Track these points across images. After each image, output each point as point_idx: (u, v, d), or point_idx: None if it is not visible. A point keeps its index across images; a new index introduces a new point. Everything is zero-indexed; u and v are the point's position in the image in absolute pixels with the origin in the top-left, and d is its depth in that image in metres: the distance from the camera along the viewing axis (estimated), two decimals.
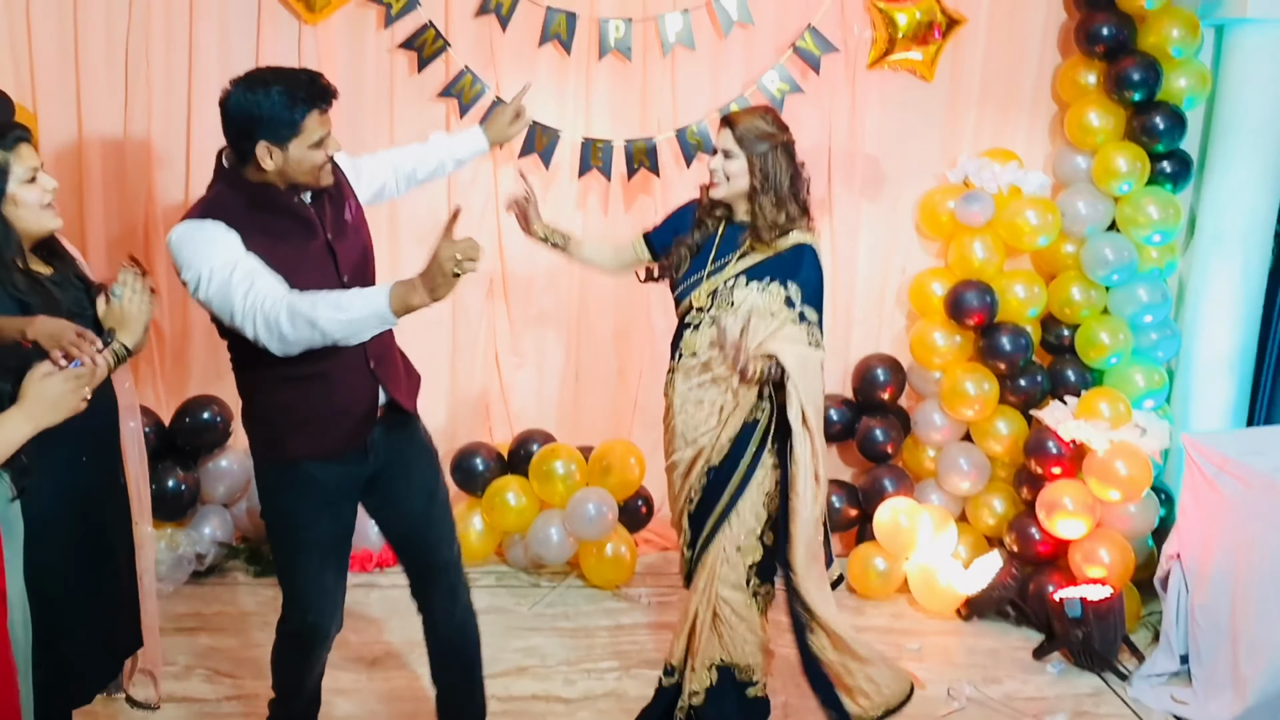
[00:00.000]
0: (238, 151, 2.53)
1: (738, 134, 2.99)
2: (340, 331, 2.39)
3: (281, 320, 2.37)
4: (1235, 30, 4.18)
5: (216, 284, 2.42)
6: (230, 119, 2.51)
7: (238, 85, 2.51)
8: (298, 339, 2.39)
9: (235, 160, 2.56)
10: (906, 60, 4.35)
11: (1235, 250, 4.26)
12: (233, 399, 4.33)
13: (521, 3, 4.17)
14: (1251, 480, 3.44)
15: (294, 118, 2.47)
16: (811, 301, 2.97)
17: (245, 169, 2.54)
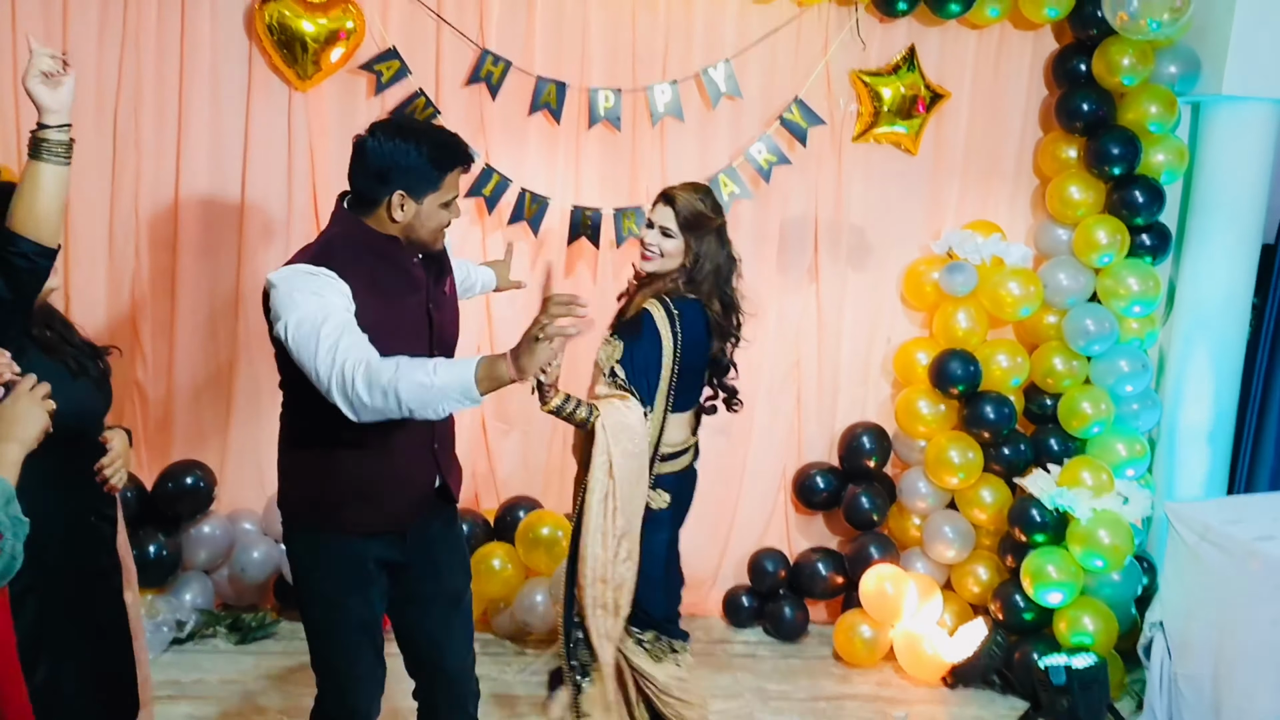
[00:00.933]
0: (366, 197, 2.49)
1: (679, 214, 3.03)
2: (418, 401, 2.21)
3: (358, 382, 2.22)
4: (1211, 107, 4.28)
5: (304, 332, 2.30)
6: (369, 162, 2.45)
7: (384, 130, 2.46)
8: (373, 405, 2.24)
9: (359, 207, 2.51)
10: (891, 133, 4.43)
11: (1214, 322, 4.33)
12: (217, 463, 4.35)
13: (512, 71, 4.22)
14: (1233, 549, 3.47)
15: (436, 172, 2.46)
16: (624, 362, 3.02)
17: (368, 217, 2.50)
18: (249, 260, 4.33)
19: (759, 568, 4.52)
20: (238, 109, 4.26)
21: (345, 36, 4.14)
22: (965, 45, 4.45)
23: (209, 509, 4.30)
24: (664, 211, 3.06)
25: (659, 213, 3.07)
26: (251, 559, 4.25)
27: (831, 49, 4.36)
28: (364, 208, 2.50)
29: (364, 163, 2.47)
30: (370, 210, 2.49)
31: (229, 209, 4.31)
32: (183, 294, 4.31)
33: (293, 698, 3.82)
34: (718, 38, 4.34)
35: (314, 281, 2.38)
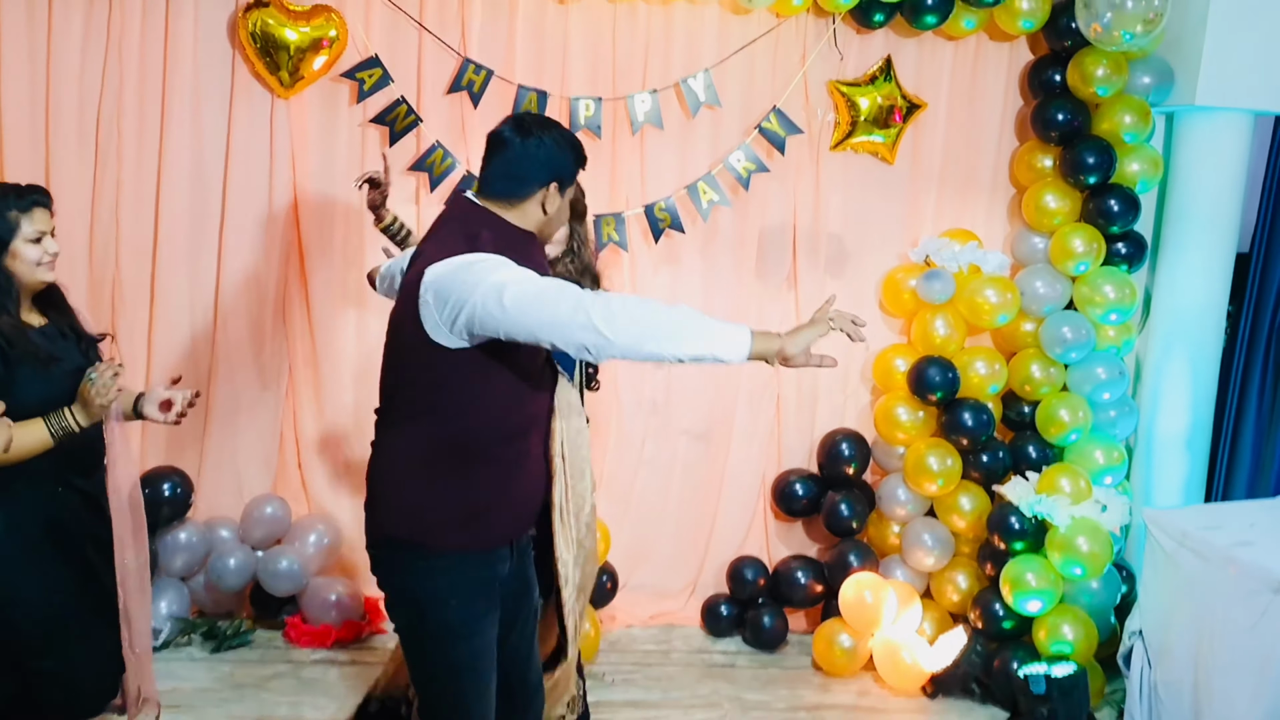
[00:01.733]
0: (515, 192, 2.45)
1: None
2: (679, 334, 2.22)
3: (616, 307, 2.21)
4: (1185, 117, 4.32)
5: (524, 291, 2.23)
6: (531, 155, 2.43)
7: (537, 125, 2.48)
8: (625, 336, 2.19)
9: (499, 201, 2.46)
10: (869, 143, 4.46)
11: (1190, 330, 4.36)
12: (194, 470, 4.33)
13: (493, 80, 4.24)
14: (1211, 556, 3.47)
15: (578, 167, 2.52)
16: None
17: (508, 210, 2.46)
18: (229, 267, 4.33)
19: (738, 576, 4.50)
20: (220, 116, 4.27)
21: (328, 45, 4.16)
22: (942, 56, 4.50)
23: (185, 515, 4.28)
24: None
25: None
26: (227, 566, 4.23)
27: (809, 59, 4.40)
28: (504, 201, 2.46)
29: (523, 155, 2.44)
30: (514, 204, 2.46)
31: (210, 216, 4.32)
32: (161, 301, 4.31)
33: (267, 706, 3.79)
34: (697, 48, 4.38)
35: (493, 259, 2.33)
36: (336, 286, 4.39)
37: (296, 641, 4.24)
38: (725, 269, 4.54)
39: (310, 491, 4.52)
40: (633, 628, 4.56)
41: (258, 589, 4.31)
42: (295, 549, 4.30)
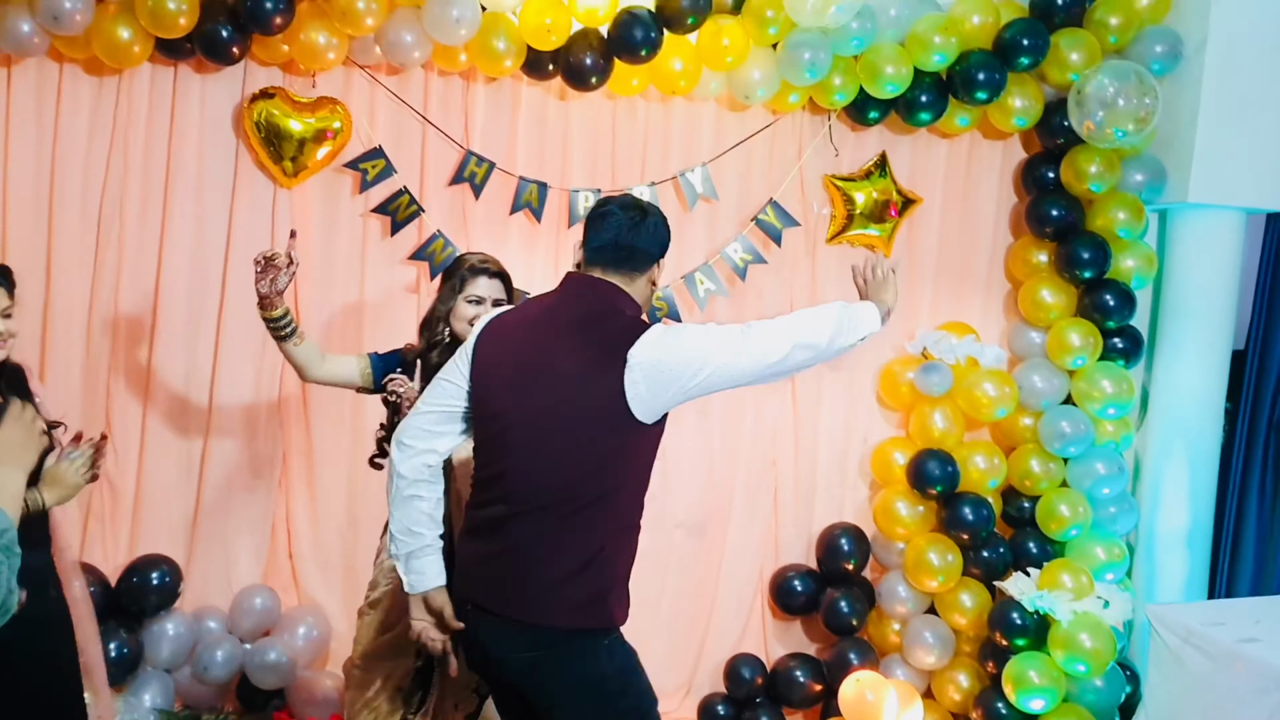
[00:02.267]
0: (639, 266, 2.56)
1: (506, 285, 3.25)
2: (844, 325, 2.60)
3: (812, 326, 2.55)
4: (1178, 214, 4.38)
5: (757, 337, 2.48)
6: (659, 233, 2.61)
7: (647, 204, 2.65)
8: (830, 345, 2.59)
9: (623, 276, 2.54)
10: (865, 236, 4.50)
11: (1188, 426, 4.36)
12: (183, 558, 4.26)
13: (494, 173, 4.30)
14: (1216, 653, 3.43)
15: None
16: None
17: (629, 285, 2.55)
18: (225, 354, 4.32)
19: (735, 674, 4.41)
20: (222, 204, 4.30)
21: (332, 135, 4.22)
22: (936, 153, 4.57)
23: (173, 606, 4.20)
24: (495, 285, 3.23)
25: (491, 286, 3.22)
26: (214, 659, 4.13)
27: (805, 155, 4.47)
28: (625, 276, 2.55)
29: (655, 233, 2.60)
30: (632, 279, 2.56)
31: (209, 301, 4.32)
32: (156, 386, 4.29)
33: None
34: (695, 143, 4.45)
35: (687, 327, 2.58)
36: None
37: None
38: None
39: (300, 582, 4.44)
40: None
41: (244, 682, 4.20)
42: (284, 641, 4.21)
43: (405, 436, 2.60)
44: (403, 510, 2.59)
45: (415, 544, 2.59)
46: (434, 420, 2.59)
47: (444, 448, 2.59)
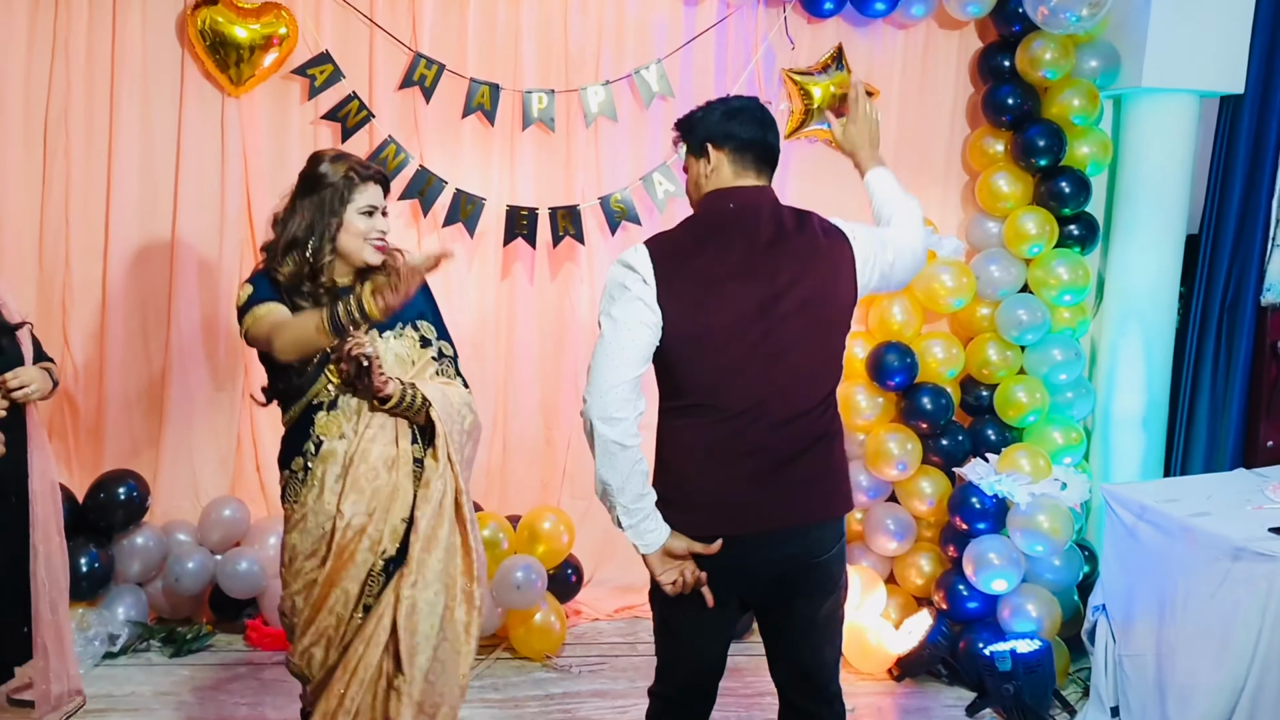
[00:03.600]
0: (774, 168, 2.69)
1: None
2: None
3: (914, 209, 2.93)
4: (1132, 100, 4.38)
5: (905, 220, 2.84)
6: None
7: None
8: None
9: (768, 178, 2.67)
10: (822, 130, 4.48)
11: (1143, 311, 4.40)
12: (150, 474, 4.27)
13: (445, 74, 4.23)
14: (1169, 527, 3.49)
15: None
16: (445, 336, 2.92)
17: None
18: (181, 266, 4.29)
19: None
20: (170, 116, 4.24)
21: (278, 42, 4.14)
22: (893, 44, 4.53)
23: (142, 519, 4.22)
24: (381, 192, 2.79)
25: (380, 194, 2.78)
26: (186, 570, 4.17)
27: (761, 49, 4.43)
28: (768, 176, 2.65)
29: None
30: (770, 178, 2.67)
31: (162, 215, 4.28)
32: (113, 303, 4.26)
33: (227, 708, 3.74)
34: (649, 39, 4.40)
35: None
36: None
37: (258, 644, 4.18)
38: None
39: (269, 492, 4.47)
40: (598, 621, 4.54)
41: (217, 592, 4.25)
42: (255, 551, 4.25)
43: (611, 410, 2.34)
44: (632, 479, 2.37)
45: (646, 505, 2.41)
46: (634, 385, 2.37)
47: (643, 404, 2.41)
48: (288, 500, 2.77)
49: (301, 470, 2.72)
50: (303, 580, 2.74)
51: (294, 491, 2.74)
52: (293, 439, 2.75)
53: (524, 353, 4.51)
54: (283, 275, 2.67)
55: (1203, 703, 3.29)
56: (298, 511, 2.73)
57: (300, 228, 2.67)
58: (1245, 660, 3.19)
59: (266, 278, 2.69)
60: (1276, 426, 4.49)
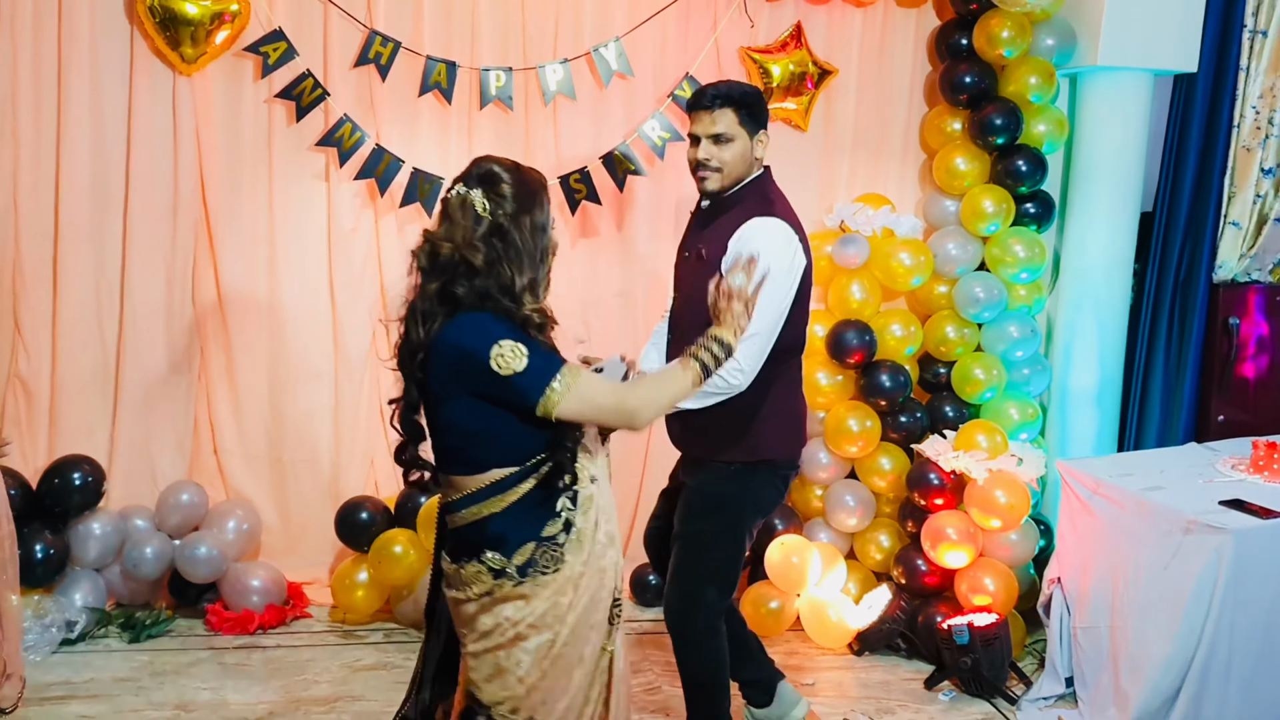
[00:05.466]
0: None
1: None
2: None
3: None
4: (1088, 78, 4.41)
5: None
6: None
7: None
8: None
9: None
10: (782, 110, 4.48)
11: (1098, 287, 4.45)
12: (105, 458, 4.22)
13: (401, 52, 4.18)
14: (1124, 501, 3.55)
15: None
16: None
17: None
18: (134, 248, 4.23)
19: None
20: (120, 94, 4.17)
21: (230, 19, 4.08)
22: (851, 22, 4.53)
23: (97, 505, 4.17)
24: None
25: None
26: (144, 555, 4.13)
27: (720, 27, 4.41)
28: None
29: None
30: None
31: (113, 196, 4.21)
32: (65, 284, 4.20)
33: (188, 693, 3.71)
34: (607, 16, 4.37)
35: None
36: (246, 265, 4.32)
37: (218, 628, 4.15)
38: (643, 239, 4.54)
39: (227, 476, 4.43)
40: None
41: (176, 577, 4.21)
42: (214, 535, 4.21)
43: (750, 366, 2.84)
44: None
45: None
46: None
47: None
48: (536, 575, 2.28)
49: (561, 531, 2.30)
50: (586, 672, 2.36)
51: (551, 561, 2.29)
52: (535, 502, 2.30)
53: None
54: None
55: (1154, 673, 3.36)
56: (563, 585, 2.30)
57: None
58: (1196, 631, 3.26)
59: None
60: (1228, 402, 4.57)
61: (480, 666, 2.31)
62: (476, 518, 2.28)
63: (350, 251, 4.36)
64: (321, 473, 4.49)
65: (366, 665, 3.96)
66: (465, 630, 2.34)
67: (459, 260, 2.21)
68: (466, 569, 2.29)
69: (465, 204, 2.24)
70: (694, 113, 2.98)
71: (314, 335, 4.41)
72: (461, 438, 2.27)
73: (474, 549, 2.28)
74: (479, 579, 2.27)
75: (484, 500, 2.27)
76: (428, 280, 2.24)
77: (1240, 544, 3.18)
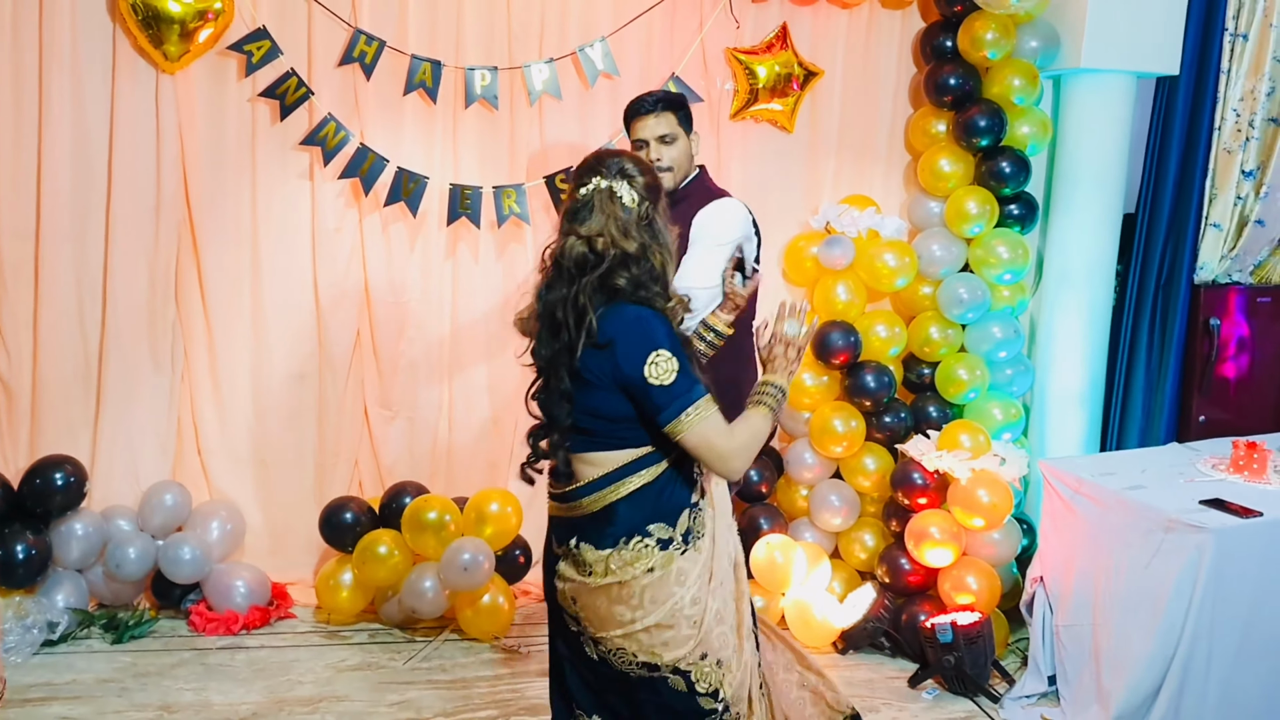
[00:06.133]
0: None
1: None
2: None
3: None
4: (1071, 80, 4.44)
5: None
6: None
7: None
8: None
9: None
10: (768, 111, 4.49)
11: (1081, 288, 4.47)
12: (88, 458, 4.20)
13: (386, 51, 4.18)
14: (1105, 500, 3.57)
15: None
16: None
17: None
18: (117, 247, 4.21)
19: None
20: (102, 93, 4.14)
21: (213, 17, 4.06)
22: (836, 24, 4.54)
23: (80, 505, 4.14)
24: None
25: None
26: (127, 556, 4.11)
27: (706, 27, 4.42)
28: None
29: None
30: None
31: (95, 195, 4.19)
32: (46, 284, 4.17)
33: (171, 694, 3.69)
34: (593, 16, 4.37)
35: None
36: (230, 265, 4.30)
37: (201, 629, 4.13)
38: None
39: (210, 476, 4.42)
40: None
41: (159, 577, 4.20)
42: (197, 536, 4.20)
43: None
44: None
45: None
46: None
47: None
48: (695, 540, 2.39)
49: (699, 495, 2.43)
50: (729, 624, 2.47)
51: (700, 524, 2.41)
52: (680, 470, 2.39)
53: (470, 333, 4.49)
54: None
55: (1136, 671, 3.39)
56: (708, 542, 2.42)
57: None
58: (1176, 629, 3.28)
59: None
60: (1209, 402, 4.61)
61: (652, 637, 2.34)
62: (623, 494, 2.32)
63: (334, 251, 4.35)
64: (306, 473, 4.48)
65: (351, 666, 3.95)
66: (622, 609, 2.34)
67: (617, 251, 2.26)
68: (627, 550, 2.31)
69: (613, 196, 2.29)
70: (637, 119, 3.22)
71: (298, 334, 4.39)
72: (610, 421, 2.31)
73: (633, 527, 2.32)
74: (644, 555, 2.31)
75: (637, 472, 2.32)
76: (581, 274, 2.26)
77: (1220, 543, 3.20)
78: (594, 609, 2.36)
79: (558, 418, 2.33)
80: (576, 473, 2.36)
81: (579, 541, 2.36)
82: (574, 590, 2.38)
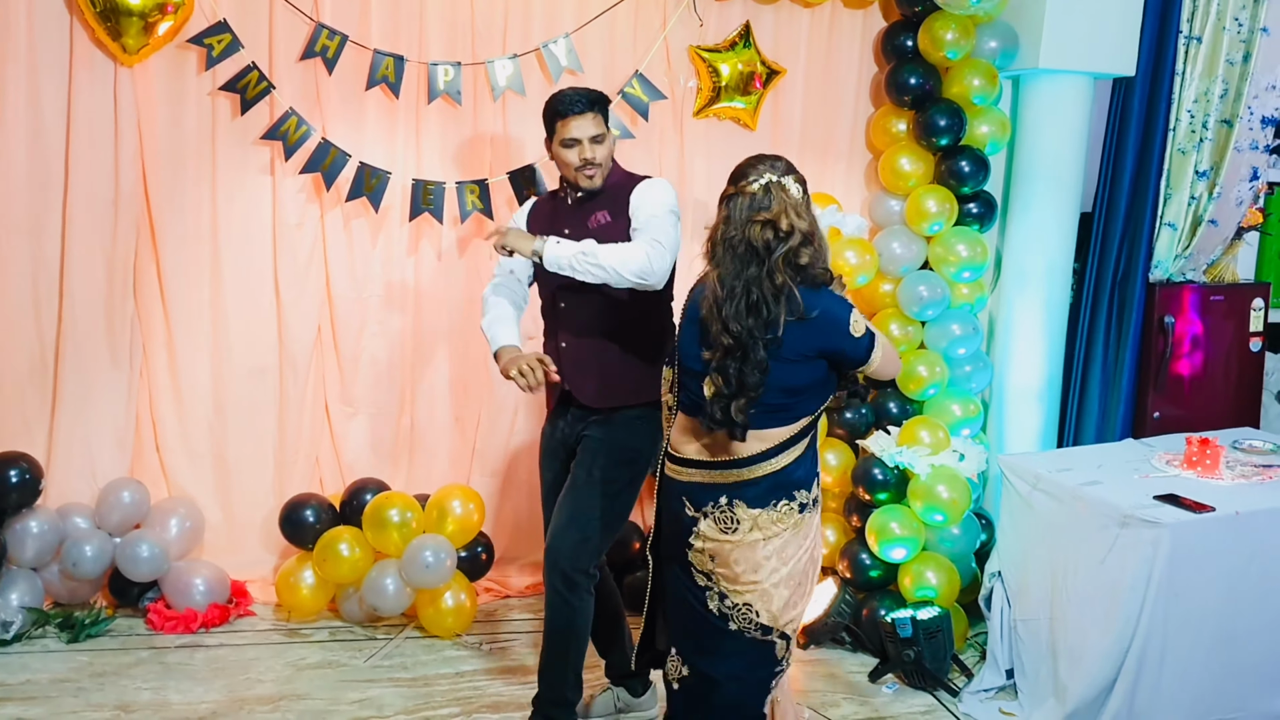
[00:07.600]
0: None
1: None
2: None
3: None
4: (1030, 80, 4.49)
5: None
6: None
7: None
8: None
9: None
10: (731, 109, 4.51)
11: (1039, 286, 4.53)
12: (42, 453, 4.17)
13: (348, 45, 4.15)
14: (1062, 495, 3.62)
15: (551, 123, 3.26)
16: None
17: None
18: (74, 242, 4.16)
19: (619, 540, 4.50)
20: (59, 85, 4.09)
21: (173, 9, 4.02)
22: (799, 23, 4.57)
23: (35, 503, 4.09)
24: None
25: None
26: (84, 554, 4.07)
27: (669, 24, 4.43)
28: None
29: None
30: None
31: (52, 189, 4.13)
32: (1, 278, 4.11)
33: (129, 693, 3.66)
34: (557, 12, 4.36)
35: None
36: (189, 260, 4.26)
37: (160, 628, 4.10)
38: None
39: (169, 473, 4.37)
40: (509, 598, 4.54)
41: (117, 575, 4.15)
42: (155, 534, 4.16)
43: (660, 267, 3.09)
44: None
45: None
46: None
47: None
48: (818, 505, 2.77)
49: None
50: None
51: (820, 492, 2.79)
52: (814, 442, 2.76)
53: (432, 330, 4.47)
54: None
55: (1092, 664, 3.43)
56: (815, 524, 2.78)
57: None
58: (1131, 623, 3.33)
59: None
60: (1164, 398, 4.68)
61: (773, 595, 2.64)
62: (786, 464, 2.62)
63: (295, 246, 4.32)
64: (265, 470, 4.44)
65: (311, 664, 3.93)
66: (759, 563, 2.63)
67: (798, 231, 2.52)
68: (775, 510, 2.64)
69: (784, 188, 2.58)
70: (570, 119, 3.21)
71: (258, 330, 4.36)
72: (790, 395, 2.59)
73: (785, 490, 2.64)
74: (786, 515, 2.64)
75: (794, 445, 2.64)
76: (769, 254, 2.51)
77: (1175, 538, 3.25)
78: (733, 564, 2.63)
79: (750, 384, 2.52)
80: (744, 445, 2.60)
81: (731, 499, 2.63)
82: (714, 549, 2.65)
